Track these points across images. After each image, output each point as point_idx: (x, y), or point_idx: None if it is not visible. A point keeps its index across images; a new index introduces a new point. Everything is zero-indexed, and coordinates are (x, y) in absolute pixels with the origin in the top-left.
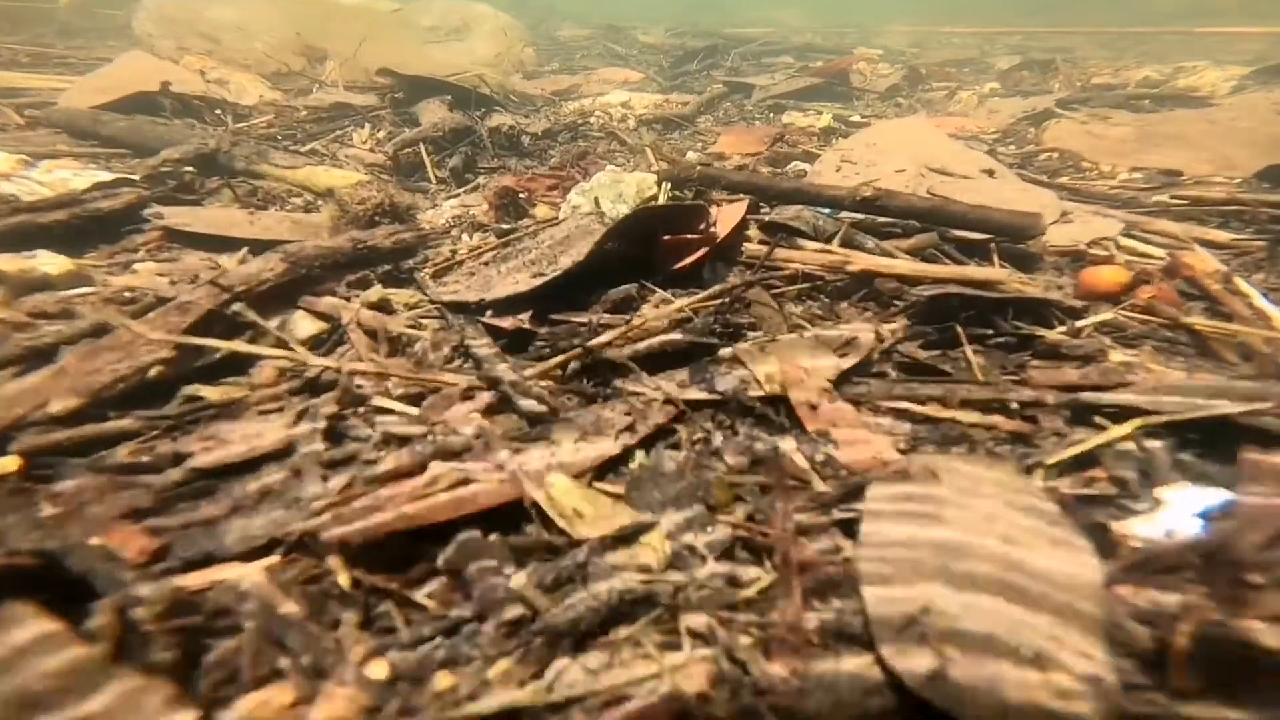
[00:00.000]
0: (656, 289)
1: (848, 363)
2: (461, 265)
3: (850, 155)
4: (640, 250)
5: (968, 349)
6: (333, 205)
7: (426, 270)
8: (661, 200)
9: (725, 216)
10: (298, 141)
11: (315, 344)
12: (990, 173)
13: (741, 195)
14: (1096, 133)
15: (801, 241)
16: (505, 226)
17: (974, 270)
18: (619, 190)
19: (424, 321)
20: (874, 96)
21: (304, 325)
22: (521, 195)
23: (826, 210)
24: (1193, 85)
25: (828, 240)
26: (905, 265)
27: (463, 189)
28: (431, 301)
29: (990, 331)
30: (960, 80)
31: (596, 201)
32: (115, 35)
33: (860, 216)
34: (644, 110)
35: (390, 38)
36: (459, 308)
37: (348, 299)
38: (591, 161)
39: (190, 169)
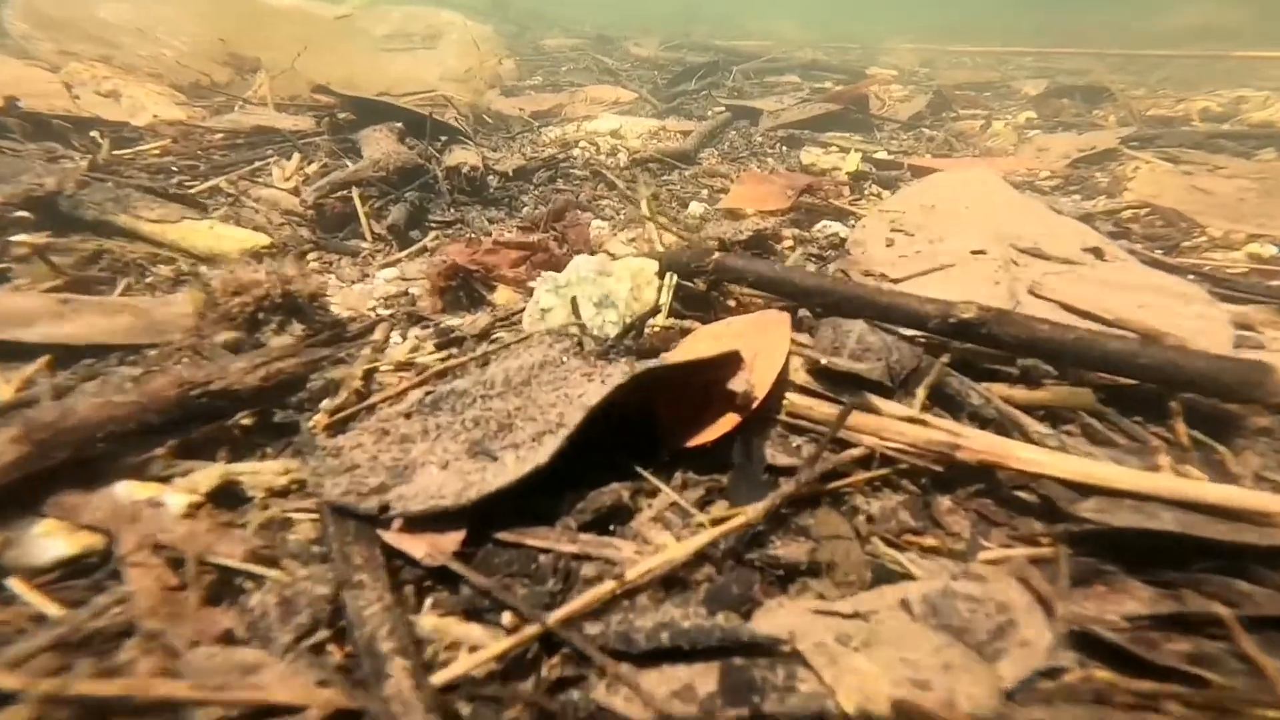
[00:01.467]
0: (660, 484)
1: (1010, 671)
2: (375, 411)
3: (902, 222)
4: (639, 413)
5: (1244, 640)
6: (197, 291)
7: (319, 418)
8: (665, 297)
9: (764, 360)
10: (197, 176)
11: (71, 574)
12: (1098, 252)
13: (773, 297)
14: (1203, 185)
15: (876, 401)
16: (450, 328)
17: (1213, 490)
18: (605, 289)
19: (289, 533)
20: (897, 126)
21: (52, 544)
22: (477, 273)
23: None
24: (1269, 120)
25: (905, 381)
26: (1064, 463)
27: (406, 252)
28: (309, 493)
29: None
30: (988, 107)
31: (574, 305)
32: None
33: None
34: (637, 141)
35: (338, 48)
36: (349, 512)
37: (163, 480)
38: (572, 222)
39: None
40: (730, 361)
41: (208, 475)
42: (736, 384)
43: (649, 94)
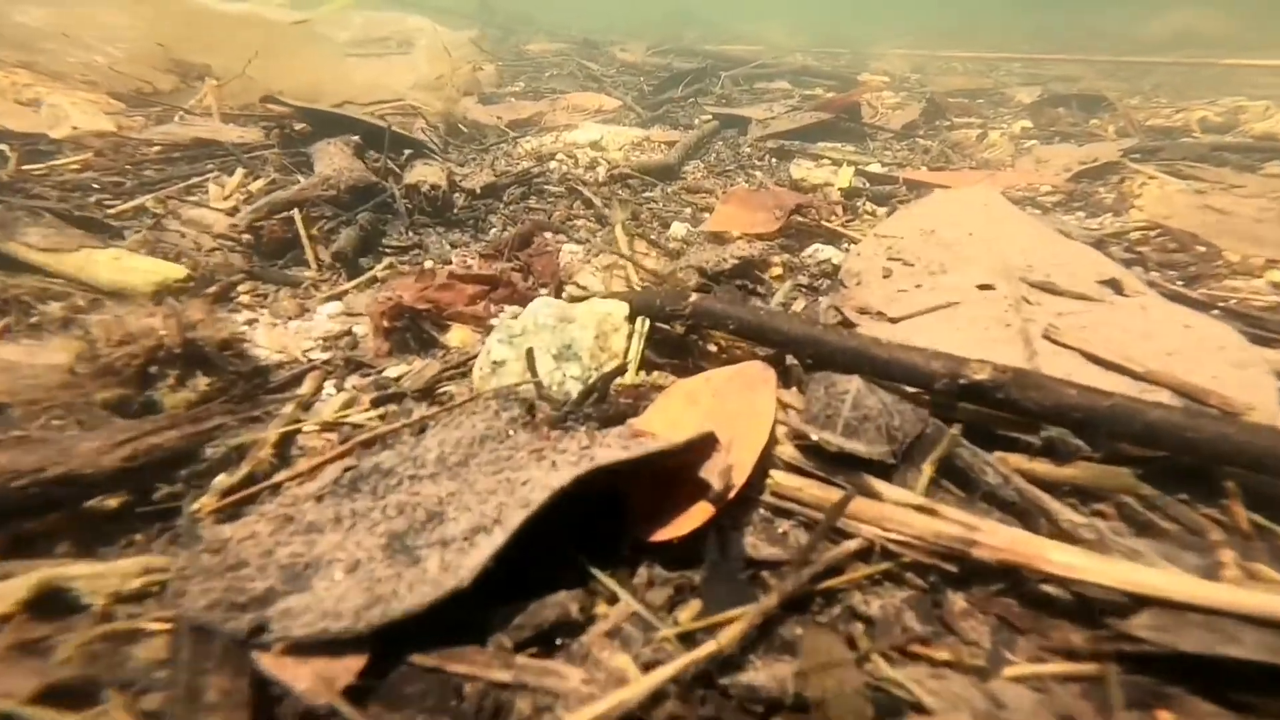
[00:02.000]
0: (619, 589)
1: None
2: (279, 491)
3: (900, 250)
4: (597, 496)
5: None
6: (80, 340)
7: (207, 500)
8: (635, 347)
9: (745, 437)
10: (120, 195)
11: None
12: (1116, 285)
13: (752, 343)
14: (1217, 205)
15: (876, 484)
16: (391, 379)
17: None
18: (567, 338)
19: (133, 650)
20: (890, 136)
21: None
22: (428, 313)
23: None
24: (1272, 131)
25: (908, 452)
26: (1109, 569)
27: (353, 283)
28: (169, 602)
29: None
30: (983, 116)
31: (530, 359)
32: None
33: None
34: (618, 153)
35: (298, 55)
36: (214, 631)
37: None
38: (539, 250)
39: None
40: (705, 443)
41: (20, 582)
42: (712, 469)
43: (634, 102)
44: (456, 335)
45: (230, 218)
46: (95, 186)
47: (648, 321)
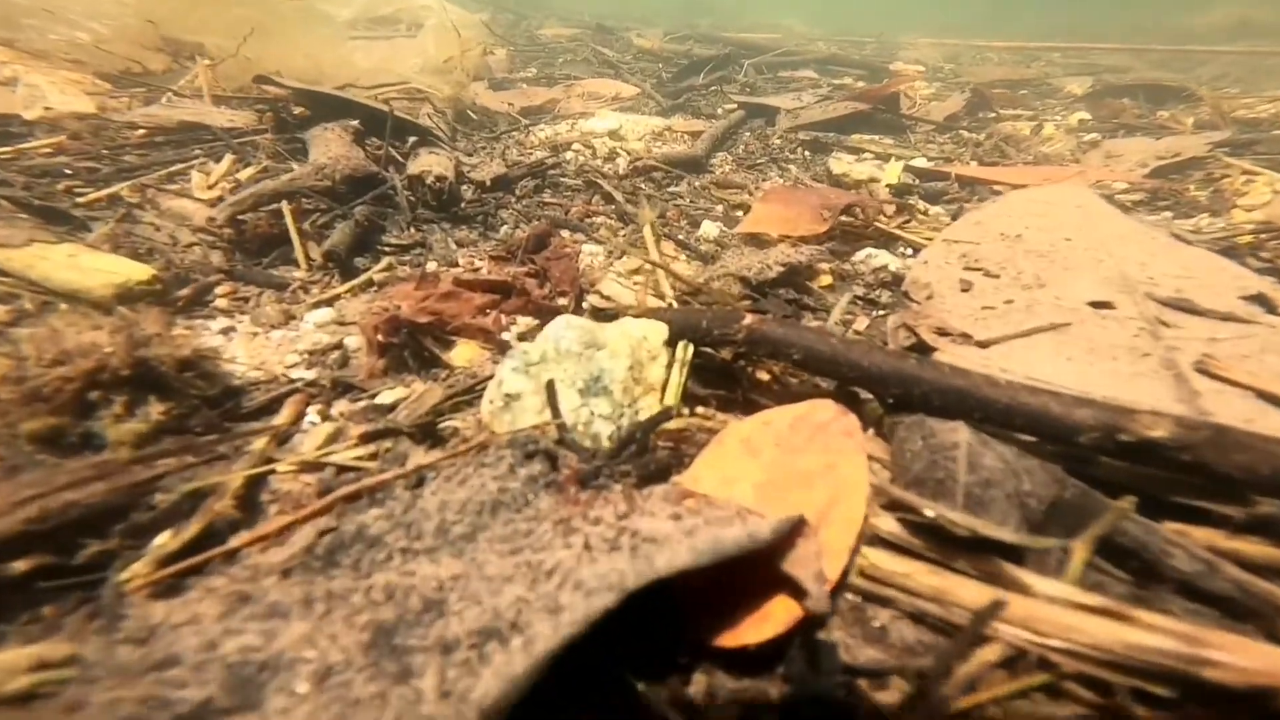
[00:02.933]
0: (671, 717)
1: None
2: (236, 559)
3: (978, 257)
4: (653, 598)
5: None
6: (6, 357)
7: (139, 567)
8: (677, 381)
9: (831, 519)
10: (94, 182)
11: None
12: (1265, 302)
13: (826, 380)
14: None
15: (1019, 574)
16: (385, 406)
17: None
18: (595, 369)
19: None
20: (931, 128)
21: None
22: (429, 326)
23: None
24: None
25: (1043, 523)
26: None
27: (347, 286)
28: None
29: None
30: (1031, 107)
31: (551, 393)
32: None
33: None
34: (638, 144)
35: (294, 35)
36: None
37: None
38: (557, 252)
39: None
40: (792, 528)
41: None
42: (800, 560)
43: (652, 89)
44: (463, 353)
45: (213, 208)
46: (67, 172)
47: (690, 347)
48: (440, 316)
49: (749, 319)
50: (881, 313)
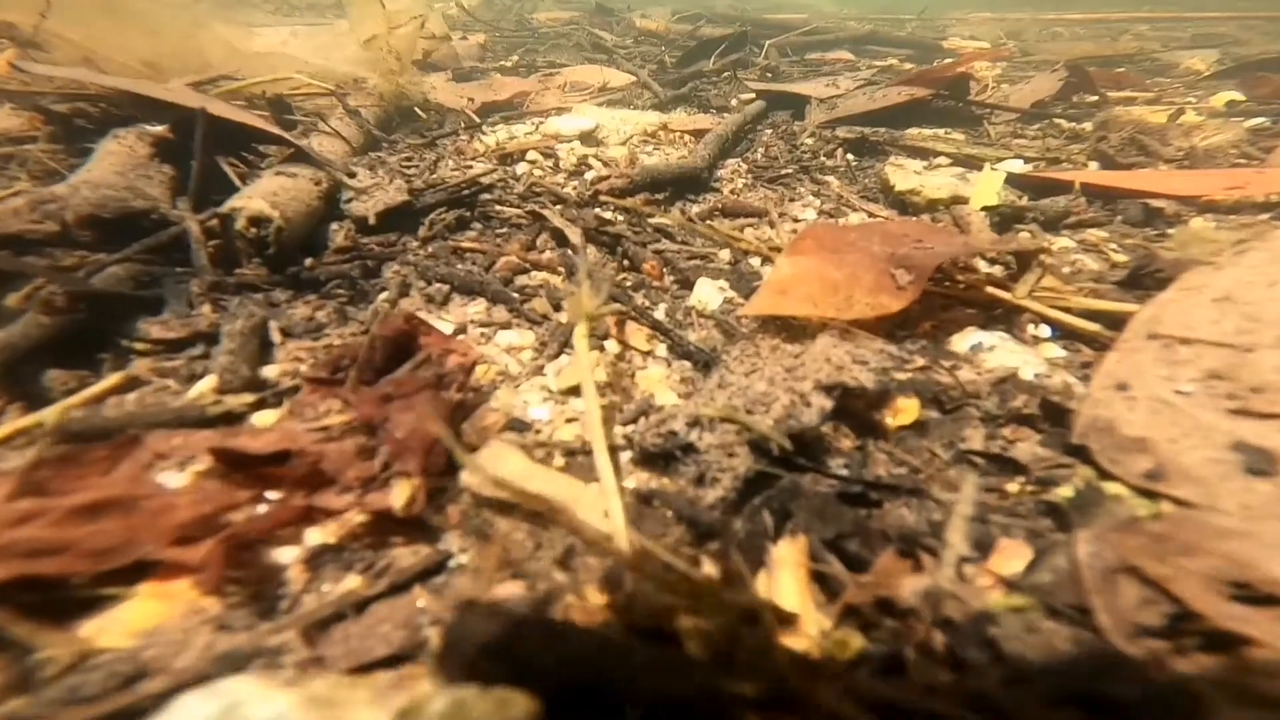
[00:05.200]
0: None
1: None
2: None
3: (1247, 378)
4: None
5: None
6: None
7: None
8: None
9: None
10: None
11: None
12: None
13: None
14: None
15: None
16: None
17: None
18: None
19: None
20: (1014, 118)
21: None
22: (41, 578)
23: None
24: None
25: None
26: None
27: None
28: None
29: None
30: (1144, 87)
31: None
32: None
33: None
34: (620, 149)
35: (143, 11)
36: None
37: None
38: (413, 380)
39: None
40: None
41: None
42: None
43: (650, 76)
44: (136, 615)
45: None
46: None
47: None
48: (66, 553)
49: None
50: (1036, 495)
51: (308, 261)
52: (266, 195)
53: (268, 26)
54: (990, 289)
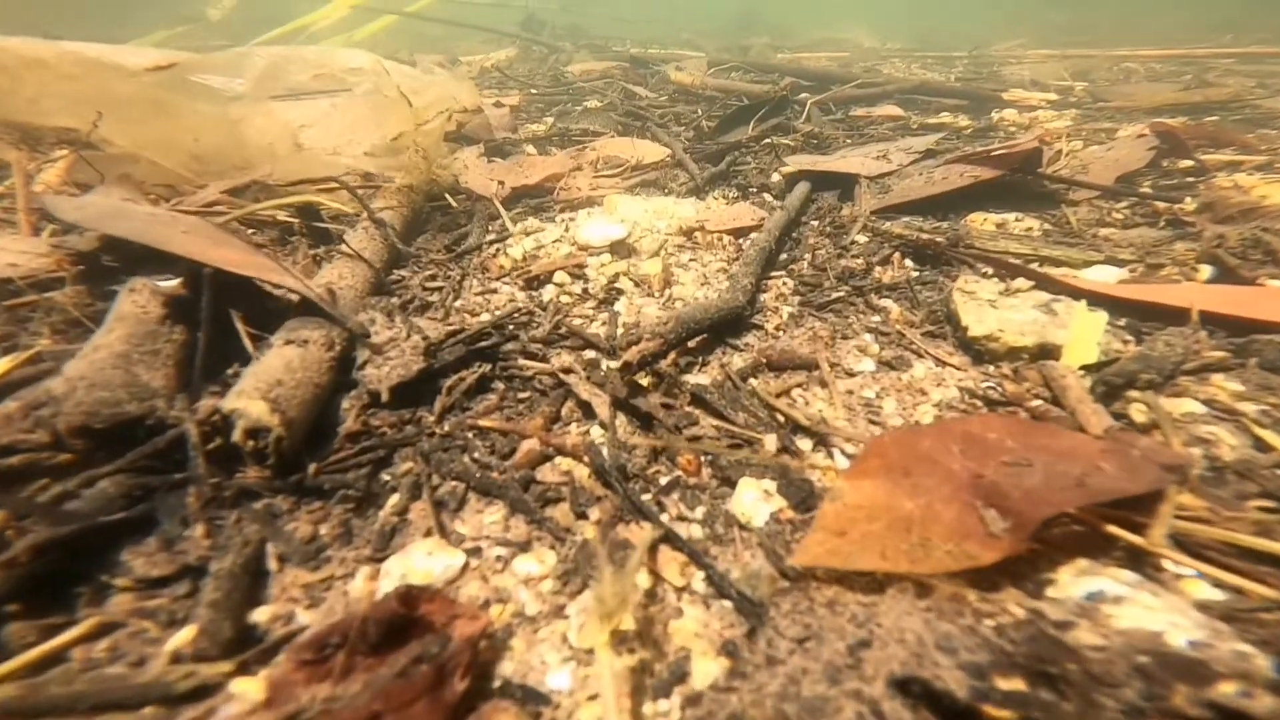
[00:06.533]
0: None
1: None
2: None
3: None
4: None
5: None
6: None
7: None
8: None
9: None
10: None
11: None
12: None
13: None
14: None
15: None
16: None
17: None
18: None
19: None
20: (1094, 196)
21: None
22: None
23: None
24: None
25: None
26: None
27: None
28: None
29: None
30: (1252, 147)
31: None
32: None
33: None
34: (653, 263)
35: (171, 115)
36: None
37: None
38: (404, 680)
39: None
40: None
41: None
42: None
43: (686, 147)
44: None
45: None
46: None
47: None
48: None
49: None
50: None
51: (311, 468)
52: (270, 385)
53: (308, 97)
54: (1109, 526)
